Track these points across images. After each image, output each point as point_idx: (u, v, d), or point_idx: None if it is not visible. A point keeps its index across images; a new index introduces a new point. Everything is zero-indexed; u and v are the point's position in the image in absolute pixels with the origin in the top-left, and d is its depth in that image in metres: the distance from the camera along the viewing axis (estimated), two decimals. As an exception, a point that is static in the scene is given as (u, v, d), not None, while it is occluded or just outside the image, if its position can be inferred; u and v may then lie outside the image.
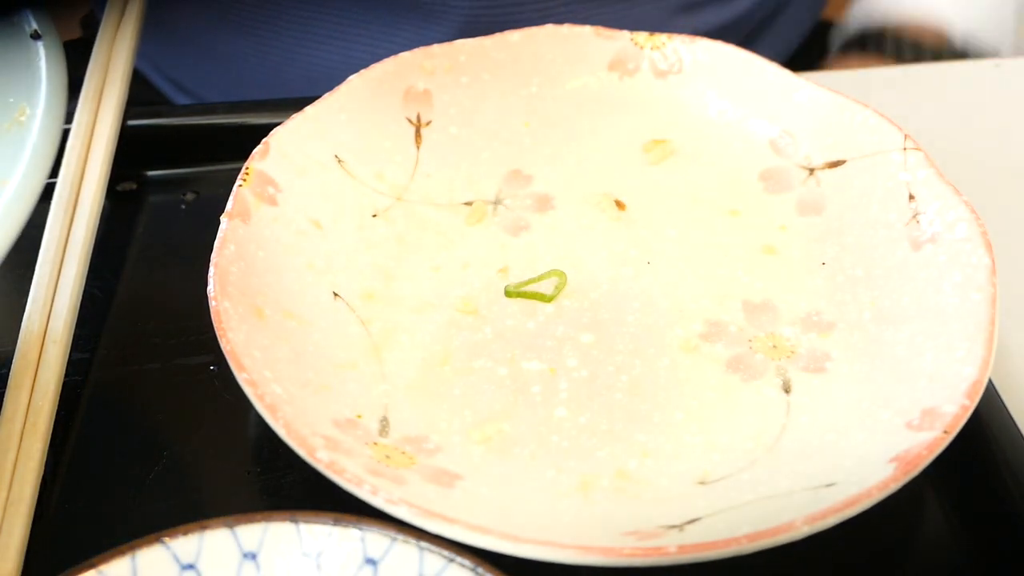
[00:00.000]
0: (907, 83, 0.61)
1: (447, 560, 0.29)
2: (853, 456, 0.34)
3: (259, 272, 0.40)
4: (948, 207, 0.40)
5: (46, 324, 0.40)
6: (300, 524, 0.30)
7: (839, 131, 0.45)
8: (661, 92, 0.50)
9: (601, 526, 0.33)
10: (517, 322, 0.41)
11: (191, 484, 0.37)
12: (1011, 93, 0.60)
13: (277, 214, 0.42)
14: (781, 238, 0.44)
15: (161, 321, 0.44)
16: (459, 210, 0.46)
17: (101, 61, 0.49)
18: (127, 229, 0.49)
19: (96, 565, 0.29)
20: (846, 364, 0.39)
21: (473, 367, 0.39)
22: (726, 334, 0.40)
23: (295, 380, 0.36)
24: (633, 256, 0.44)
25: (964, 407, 0.33)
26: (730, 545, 0.30)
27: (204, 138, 0.52)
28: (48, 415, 0.38)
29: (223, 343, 0.35)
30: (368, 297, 0.42)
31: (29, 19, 0.46)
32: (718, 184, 0.47)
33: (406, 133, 0.48)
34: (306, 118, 0.45)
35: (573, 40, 0.50)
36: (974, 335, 0.36)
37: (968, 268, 0.38)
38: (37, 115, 0.41)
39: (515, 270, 0.43)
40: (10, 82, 0.44)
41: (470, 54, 0.49)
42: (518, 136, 0.49)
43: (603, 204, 0.46)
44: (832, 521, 0.30)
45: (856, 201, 0.44)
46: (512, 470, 0.35)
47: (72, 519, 0.36)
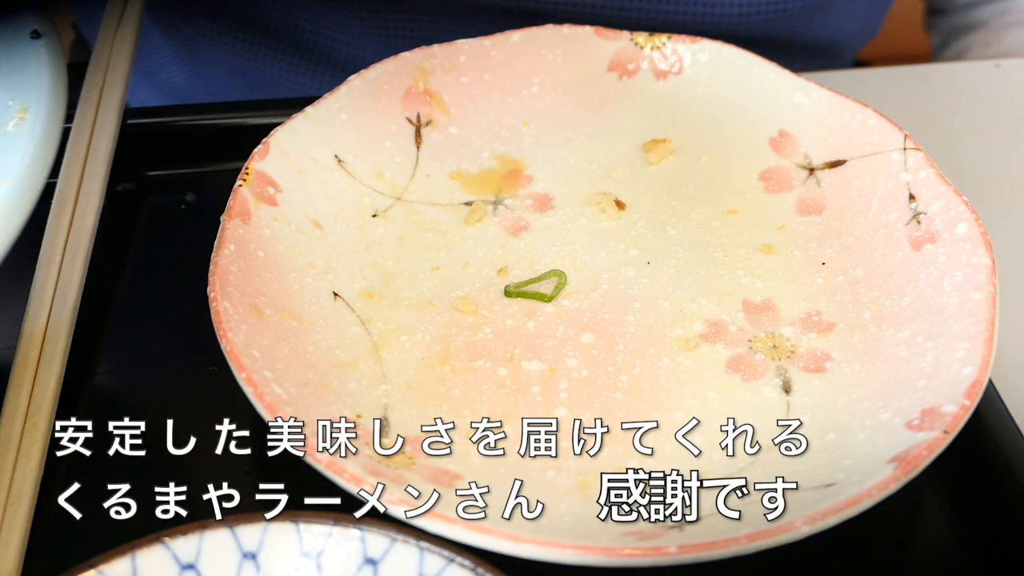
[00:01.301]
0: (907, 83, 0.61)
1: (447, 560, 0.29)
2: (853, 456, 0.34)
3: (259, 272, 0.40)
4: (948, 207, 0.40)
5: (46, 324, 0.40)
6: (300, 524, 0.30)
7: (839, 131, 0.45)
8: (661, 92, 0.50)
9: (601, 526, 0.33)
10: (517, 322, 0.41)
11: (191, 484, 0.37)
12: (1011, 93, 0.60)
13: (277, 214, 0.42)
14: (781, 238, 0.44)
15: (161, 321, 0.44)
16: (459, 210, 0.46)
17: (101, 61, 0.49)
18: (127, 229, 0.49)
19: (96, 565, 0.29)
20: (846, 364, 0.39)
21: (473, 367, 0.39)
22: (726, 334, 0.40)
23: (295, 380, 0.36)
24: (633, 256, 0.44)
25: (964, 407, 0.33)
26: (730, 545, 0.30)
27: (204, 138, 0.52)
28: (48, 415, 0.38)
29: (223, 343, 0.35)
30: (368, 297, 0.42)
31: (29, 19, 0.46)
32: (718, 184, 0.47)
33: (406, 133, 0.48)
34: (306, 118, 0.45)
35: (573, 40, 0.50)
36: (974, 335, 0.36)
37: (968, 268, 0.38)
38: (37, 115, 0.41)
39: (515, 270, 0.43)
40: (10, 82, 0.43)
41: (470, 54, 0.49)
42: (518, 136, 0.49)
43: (603, 204, 0.46)
44: (832, 521, 0.30)
45: (856, 201, 0.44)
46: (512, 470, 0.35)
47: (72, 519, 0.36)
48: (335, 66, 0.68)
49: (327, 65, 0.68)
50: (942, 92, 0.60)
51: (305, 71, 0.69)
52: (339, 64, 0.68)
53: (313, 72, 0.69)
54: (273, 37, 0.68)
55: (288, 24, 0.66)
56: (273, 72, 0.69)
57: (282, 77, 0.69)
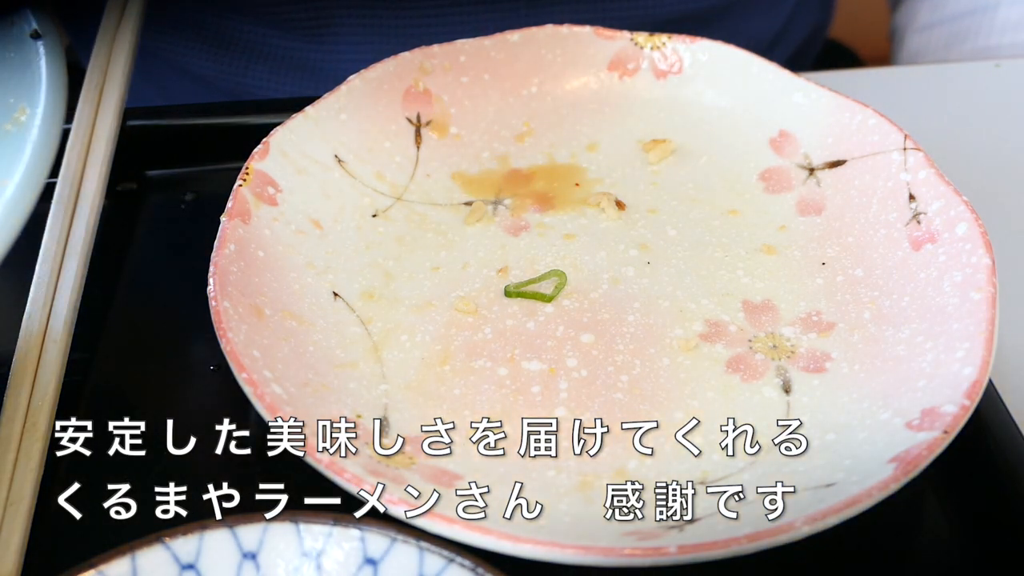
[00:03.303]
0: (907, 83, 0.61)
1: (447, 560, 0.29)
2: (853, 456, 0.34)
3: (259, 272, 0.40)
4: (948, 207, 0.40)
5: (46, 324, 0.40)
6: (300, 524, 0.30)
7: (839, 131, 0.45)
8: (661, 92, 0.50)
9: (601, 526, 0.33)
10: (517, 322, 0.41)
11: (191, 484, 0.37)
12: (1011, 93, 0.60)
13: (277, 214, 0.42)
14: (781, 238, 0.44)
15: (161, 321, 0.44)
16: (459, 210, 0.46)
17: (101, 61, 0.49)
18: (127, 229, 0.49)
19: (96, 565, 0.29)
20: (846, 364, 0.39)
21: (473, 367, 0.39)
22: (726, 334, 0.40)
23: (295, 380, 0.36)
24: (633, 256, 0.44)
25: (964, 407, 0.33)
26: (730, 545, 0.30)
27: (204, 138, 0.52)
28: (48, 415, 0.38)
29: (223, 343, 0.35)
30: (368, 297, 0.42)
31: (29, 19, 0.46)
32: (718, 184, 0.47)
33: (406, 133, 0.48)
34: (306, 118, 0.45)
35: (573, 40, 0.50)
36: (974, 335, 0.36)
37: (968, 268, 0.38)
38: (37, 115, 0.41)
39: (515, 270, 0.43)
40: (10, 82, 0.43)
41: (470, 54, 0.49)
42: (518, 136, 0.49)
43: (603, 204, 0.46)
44: (832, 521, 0.30)
45: (856, 201, 0.44)
46: (512, 470, 0.35)
47: (72, 519, 0.36)
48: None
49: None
50: (942, 92, 0.60)
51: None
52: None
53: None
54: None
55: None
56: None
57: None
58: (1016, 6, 0.69)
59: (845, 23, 0.91)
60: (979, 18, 0.70)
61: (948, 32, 0.72)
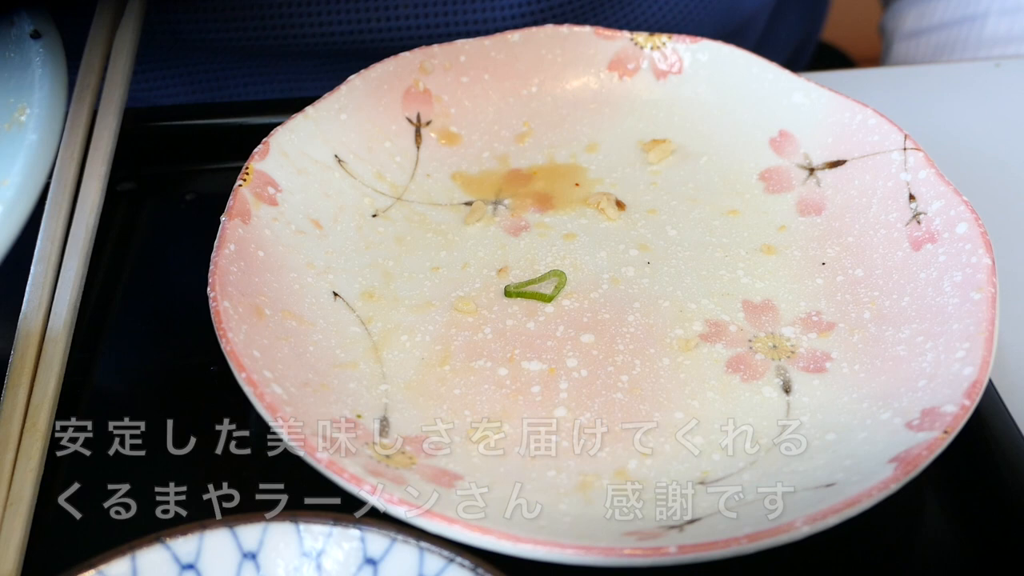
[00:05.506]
0: (907, 83, 0.61)
1: (447, 560, 0.29)
2: (853, 456, 0.34)
3: (259, 272, 0.40)
4: (948, 207, 0.40)
5: (44, 323, 0.40)
6: (300, 524, 0.30)
7: (839, 131, 0.45)
8: (661, 92, 0.50)
9: (601, 526, 0.33)
10: (517, 322, 0.41)
11: (191, 484, 0.37)
12: (1011, 93, 0.60)
13: (277, 214, 0.42)
14: (781, 238, 0.44)
15: (161, 321, 0.44)
16: (459, 210, 0.46)
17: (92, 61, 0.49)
18: (127, 229, 0.49)
19: (96, 565, 0.29)
20: (846, 364, 0.39)
21: (473, 367, 0.39)
22: (726, 334, 0.40)
23: (295, 380, 0.36)
24: (633, 256, 0.44)
25: (964, 407, 0.33)
26: (730, 545, 0.30)
27: (204, 138, 0.52)
28: (48, 415, 0.38)
29: (223, 343, 0.35)
30: (368, 297, 0.42)
31: (29, 19, 0.46)
32: (718, 184, 0.47)
33: (406, 133, 0.48)
34: (306, 118, 0.45)
35: (573, 40, 0.50)
36: (974, 335, 0.36)
37: (968, 268, 0.38)
38: (37, 115, 0.41)
39: (515, 270, 0.43)
40: (10, 82, 0.43)
41: (470, 54, 0.49)
42: (518, 136, 0.49)
43: (603, 204, 0.46)
44: (832, 521, 0.30)
45: (856, 201, 0.44)
46: (512, 470, 0.35)
47: (72, 519, 0.36)
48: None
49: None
50: (942, 92, 0.60)
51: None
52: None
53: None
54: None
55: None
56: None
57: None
58: (1005, 16, 0.68)
59: (837, 26, 0.91)
60: (967, 28, 0.69)
61: (936, 41, 0.71)
